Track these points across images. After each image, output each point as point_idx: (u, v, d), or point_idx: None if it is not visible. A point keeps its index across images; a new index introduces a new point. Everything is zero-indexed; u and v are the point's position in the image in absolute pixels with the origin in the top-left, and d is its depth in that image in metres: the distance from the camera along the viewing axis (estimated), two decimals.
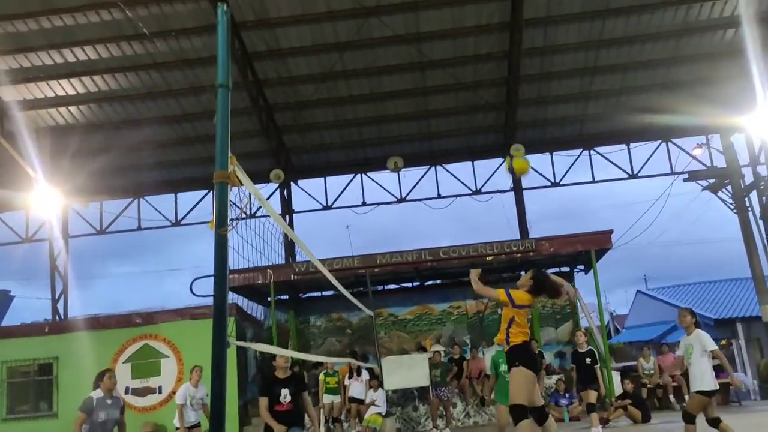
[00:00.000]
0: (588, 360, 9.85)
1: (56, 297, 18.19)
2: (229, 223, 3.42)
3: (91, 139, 17.23)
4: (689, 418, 6.76)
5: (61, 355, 14.65)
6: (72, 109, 16.66)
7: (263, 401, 6.25)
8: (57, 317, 17.90)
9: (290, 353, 7.41)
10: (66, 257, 18.64)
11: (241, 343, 4.74)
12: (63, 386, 14.48)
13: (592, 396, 9.72)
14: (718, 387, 6.84)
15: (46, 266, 18.44)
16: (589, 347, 9.99)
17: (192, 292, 13.52)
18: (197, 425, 9.29)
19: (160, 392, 14.38)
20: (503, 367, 7.59)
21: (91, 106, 16.63)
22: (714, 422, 6.69)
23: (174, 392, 14.01)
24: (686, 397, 12.27)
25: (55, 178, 16.81)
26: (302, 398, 6.39)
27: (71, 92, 16.15)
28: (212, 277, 3.35)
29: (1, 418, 14.47)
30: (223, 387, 3.25)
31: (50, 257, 18.36)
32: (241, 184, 3.69)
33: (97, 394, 6.79)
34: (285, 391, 6.37)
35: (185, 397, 9.21)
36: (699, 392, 6.69)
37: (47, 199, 16.83)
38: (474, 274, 5.83)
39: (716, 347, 6.90)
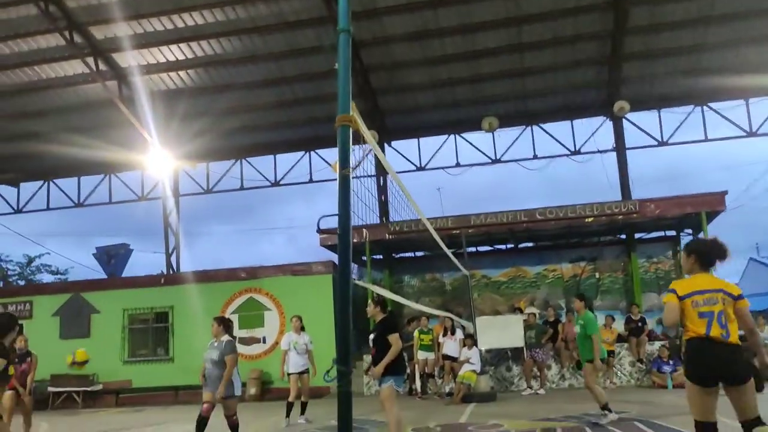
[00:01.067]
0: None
1: (170, 251, 19.57)
2: (351, 165, 3.61)
3: (197, 103, 18.13)
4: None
5: (175, 305, 15.86)
6: (181, 73, 17.56)
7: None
8: (171, 270, 19.29)
9: (401, 299, 7.66)
10: (177, 215, 19.96)
11: (361, 283, 5.03)
12: (177, 333, 15.73)
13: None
14: None
15: (160, 223, 19.86)
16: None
17: (318, 230, 14.17)
18: (306, 371, 9.82)
19: (264, 342, 15.30)
20: (578, 329, 8.22)
21: (198, 70, 17.44)
22: None
23: (277, 342, 14.90)
24: None
25: (167, 141, 17.93)
26: (390, 340, 6.34)
27: (180, 57, 16.99)
28: (336, 216, 3.55)
29: (123, 360, 15.94)
30: (347, 320, 3.47)
31: (163, 214, 19.72)
32: (359, 129, 3.83)
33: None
34: (370, 337, 6.72)
35: (288, 343, 9.83)
36: None
37: (160, 161, 18.04)
38: None
39: None
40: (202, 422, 7.17)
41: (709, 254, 4.40)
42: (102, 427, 11.05)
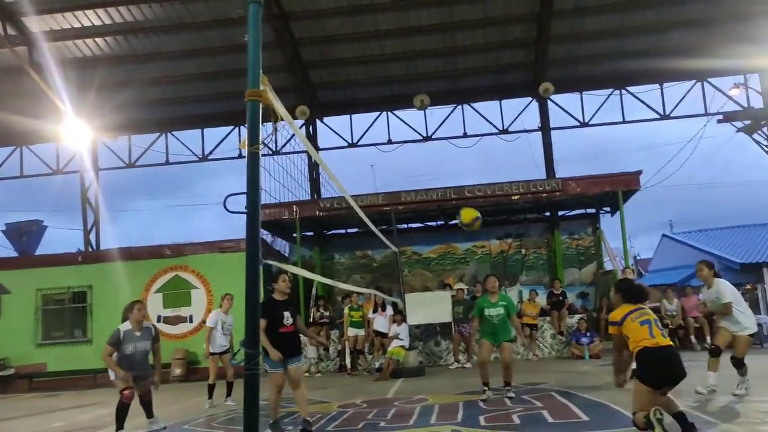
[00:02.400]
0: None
1: (88, 228, 18.67)
2: (261, 142, 3.46)
3: (116, 72, 17.25)
4: (739, 363, 7.00)
5: (94, 284, 15.18)
6: (98, 40, 16.59)
7: (263, 323, 6.09)
8: (89, 247, 18.43)
9: (322, 279, 7.60)
10: (97, 189, 19.02)
11: (274, 263, 4.86)
12: (97, 314, 15.08)
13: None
14: (756, 329, 7.19)
15: (78, 198, 18.88)
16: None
17: (225, 208, 13.74)
18: (227, 351, 9.63)
19: (190, 321, 14.91)
20: (487, 311, 8.11)
21: (116, 37, 16.54)
22: (738, 362, 6.96)
23: (204, 321, 14.55)
24: (708, 338, 12.38)
25: (84, 111, 16.96)
26: (298, 321, 6.64)
27: (97, 23, 16.04)
28: (245, 195, 3.42)
29: (36, 343, 15.15)
30: (257, 298, 3.37)
31: (81, 189, 18.75)
32: (271, 104, 3.69)
33: (125, 326, 6.91)
34: (287, 314, 6.51)
35: (216, 321, 9.52)
36: (743, 335, 7.04)
37: (76, 132, 17.06)
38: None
39: (730, 300, 7.06)
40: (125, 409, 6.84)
41: (633, 293, 5.20)
42: (13, 414, 10.50)
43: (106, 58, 17.01)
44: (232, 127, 19.01)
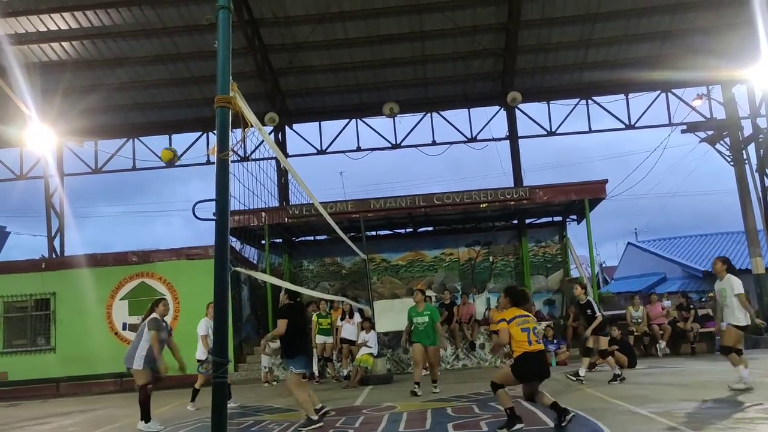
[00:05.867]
0: (588, 311, 10.09)
1: (53, 234, 18.29)
2: (230, 148, 3.48)
3: (83, 77, 16.98)
4: (726, 350, 7.87)
5: (58, 291, 14.87)
6: (64, 44, 16.32)
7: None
8: (53, 254, 18.05)
9: (289, 285, 7.62)
10: (62, 195, 18.66)
11: (243, 270, 4.86)
12: (60, 321, 14.77)
13: (603, 342, 9.99)
14: (749, 322, 8.00)
15: (42, 204, 18.49)
16: (588, 299, 10.19)
17: (194, 215, 13.54)
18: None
19: None
20: (416, 319, 9.71)
21: (83, 42, 16.28)
22: (732, 351, 7.81)
23: (171, 329, 14.34)
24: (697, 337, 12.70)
25: (49, 116, 16.68)
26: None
27: (63, 27, 15.78)
28: (214, 201, 3.42)
29: None
30: (225, 310, 3.37)
31: (46, 194, 18.37)
32: (240, 110, 3.71)
33: (157, 316, 8.03)
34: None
35: (206, 328, 9.72)
36: (734, 326, 7.88)
37: (41, 137, 16.75)
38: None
39: (742, 292, 7.91)
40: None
41: (518, 298, 6.22)
42: None
43: (74, 63, 16.74)
44: (200, 133, 18.85)
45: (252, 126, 4.46)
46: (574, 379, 9.76)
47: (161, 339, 7.85)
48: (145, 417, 7.65)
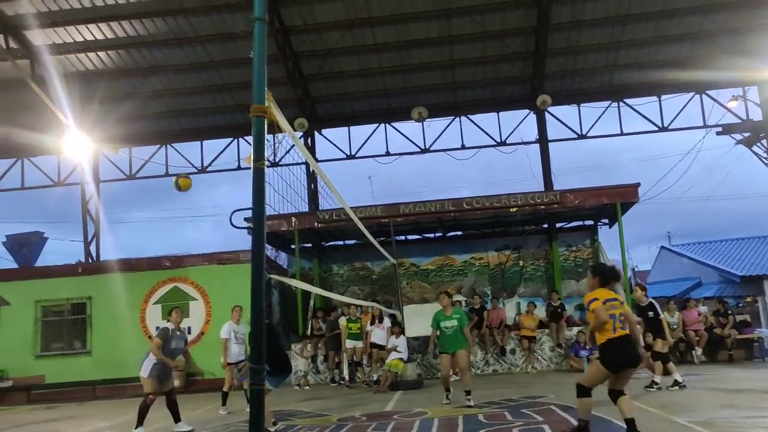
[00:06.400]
0: (650, 313, 9.89)
1: (89, 239, 18.72)
2: (266, 157, 3.51)
3: (118, 86, 17.37)
4: None
5: (94, 296, 15.20)
6: (101, 54, 16.74)
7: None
8: (89, 259, 18.46)
9: (322, 291, 7.73)
10: (97, 201, 19.10)
11: (277, 277, 4.92)
12: (96, 325, 15.09)
13: (660, 345, 9.84)
14: None
15: (78, 210, 18.95)
16: (650, 300, 10.01)
17: (231, 224, 13.72)
18: (243, 361, 9.72)
19: (189, 333, 14.86)
20: (444, 323, 9.21)
21: (119, 51, 16.68)
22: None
23: (203, 333, 14.60)
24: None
25: (85, 124, 17.09)
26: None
27: (99, 37, 16.19)
28: (250, 210, 3.45)
29: (34, 355, 15.14)
30: (261, 319, 3.39)
31: (82, 200, 18.83)
32: (275, 119, 3.75)
33: (170, 325, 8.19)
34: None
35: (229, 332, 9.80)
36: None
37: (78, 144, 17.18)
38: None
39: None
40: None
41: (608, 276, 5.89)
42: (11, 426, 10.49)
43: (109, 72, 17.15)
44: (231, 139, 19.12)
45: (284, 131, 4.52)
46: (654, 388, 9.41)
47: (173, 348, 8.03)
48: (139, 423, 7.73)
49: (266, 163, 3.57)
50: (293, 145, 18.10)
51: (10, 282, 15.63)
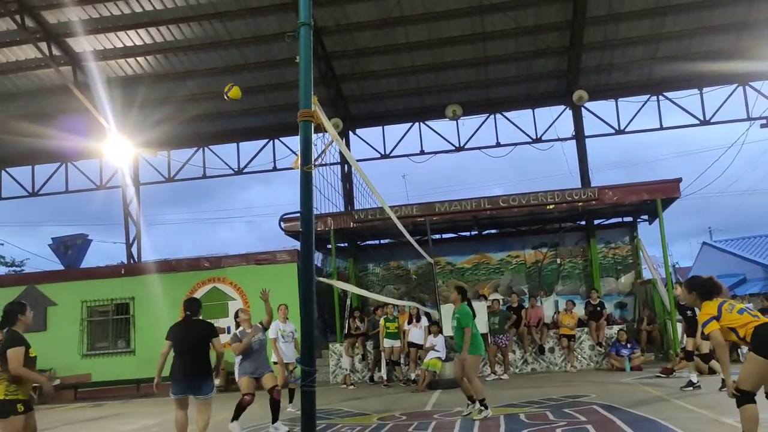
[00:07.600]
0: (689, 312, 9.61)
1: (130, 241, 19.18)
2: (312, 161, 3.54)
3: (157, 90, 17.72)
4: None
5: (136, 296, 15.58)
6: (140, 59, 17.11)
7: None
8: (132, 260, 18.91)
9: (363, 292, 7.73)
10: (138, 204, 19.55)
11: (324, 280, 4.92)
12: (139, 325, 15.46)
13: (705, 346, 9.52)
14: None
15: (120, 212, 19.44)
16: None
17: (281, 228, 13.84)
18: (293, 362, 9.74)
19: (228, 332, 15.13)
20: (452, 322, 8.24)
21: (157, 56, 17.03)
22: None
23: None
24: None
25: (126, 128, 17.51)
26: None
27: (138, 42, 16.55)
28: (299, 214, 3.48)
29: (81, 354, 15.61)
30: (311, 321, 3.42)
31: (123, 203, 19.29)
32: (322, 123, 3.78)
33: (239, 329, 7.99)
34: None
35: (276, 331, 9.64)
36: None
37: (119, 148, 17.61)
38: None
39: None
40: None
41: (708, 290, 5.25)
42: (58, 423, 10.81)
43: (148, 77, 17.52)
44: (267, 140, 19.33)
45: (326, 131, 4.55)
46: (691, 388, 9.19)
47: (254, 348, 7.87)
48: (234, 417, 7.81)
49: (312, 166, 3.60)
50: (330, 143, 18.21)
51: (57, 283, 16.16)
